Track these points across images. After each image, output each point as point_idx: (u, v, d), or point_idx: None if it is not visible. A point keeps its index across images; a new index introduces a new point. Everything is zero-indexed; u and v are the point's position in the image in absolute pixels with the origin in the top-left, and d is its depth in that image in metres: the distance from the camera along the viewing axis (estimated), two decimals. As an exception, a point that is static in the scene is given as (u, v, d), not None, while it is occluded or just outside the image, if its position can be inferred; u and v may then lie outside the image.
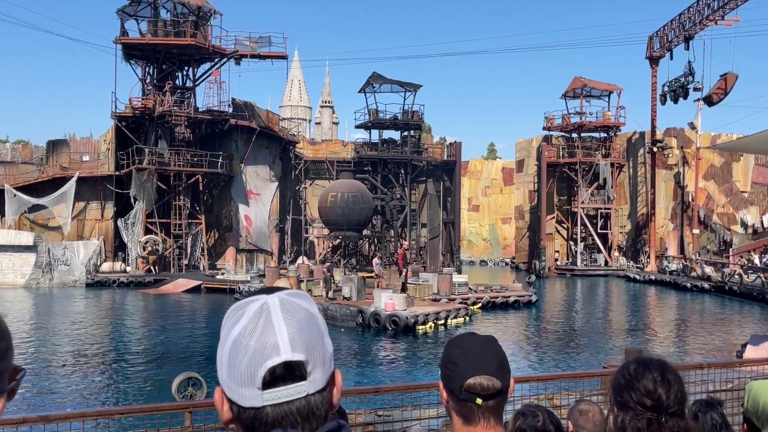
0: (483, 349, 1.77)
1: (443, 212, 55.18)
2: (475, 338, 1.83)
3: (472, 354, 1.75)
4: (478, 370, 1.72)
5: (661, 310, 36.58)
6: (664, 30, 49.03)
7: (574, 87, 56.61)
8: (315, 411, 1.08)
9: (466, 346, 1.78)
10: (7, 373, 1.00)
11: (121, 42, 44.40)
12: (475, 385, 1.71)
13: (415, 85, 53.91)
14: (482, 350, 1.77)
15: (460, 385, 1.72)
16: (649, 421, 1.88)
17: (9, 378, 1.01)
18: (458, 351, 1.78)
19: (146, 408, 7.02)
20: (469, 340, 1.81)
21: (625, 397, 1.92)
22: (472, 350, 1.77)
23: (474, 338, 1.83)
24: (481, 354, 1.76)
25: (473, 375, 1.71)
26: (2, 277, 40.34)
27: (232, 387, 1.07)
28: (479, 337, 1.84)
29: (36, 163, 46.35)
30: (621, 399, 1.93)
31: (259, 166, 49.26)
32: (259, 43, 46.65)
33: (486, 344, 1.79)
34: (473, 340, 1.81)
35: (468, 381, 1.71)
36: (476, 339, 1.82)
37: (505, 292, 35.20)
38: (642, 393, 1.89)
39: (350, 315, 27.87)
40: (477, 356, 1.75)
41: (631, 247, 55.96)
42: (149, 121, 44.90)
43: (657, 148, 51.81)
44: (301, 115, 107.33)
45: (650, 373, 1.92)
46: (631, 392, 1.91)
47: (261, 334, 1.07)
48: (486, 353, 1.76)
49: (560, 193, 57.90)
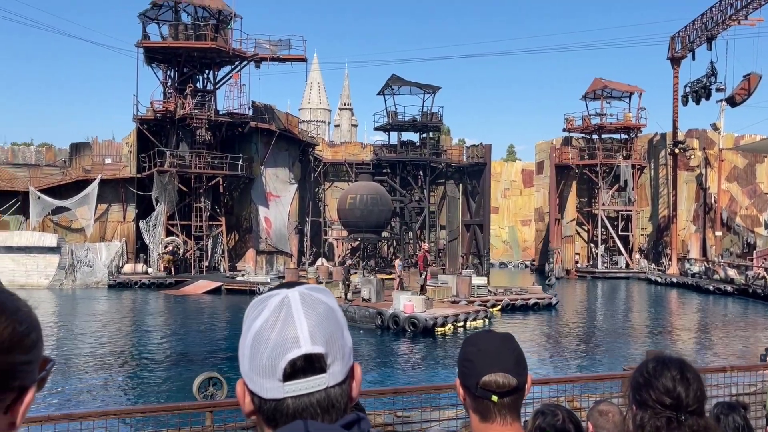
0: (499, 346, 1.78)
1: (467, 213, 55.08)
2: (492, 336, 1.83)
3: (487, 351, 1.76)
4: (493, 368, 1.73)
5: (683, 313, 36.22)
6: (686, 30, 48.59)
7: (594, 88, 56.27)
8: (335, 403, 1.10)
9: (482, 344, 1.79)
10: (37, 363, 1.03)
11: (142, 45, 44.83)
12: (490, 382, 1.71)
13: (434, 87, 53.85)
14: (498, 347, 1.77)
15: (475, 382, 1.73)
16: (668, 419, 1.88)
17: (39, 368, 1.04)
18: (474, 348, 1.78)
19: (168, 407, 7.08)
20: (486, 338, 1.82)
21: (644, 395, 1.92)
22: (487, 347, 1.77)
23: (490, 336, 1.83)
24: (497, 351, 1.76)
25: (488, 372, 1.72)
26: (27, 279, 40.85)
27: (254, 379, 1.10)
28: (496, 334, 1.85)
29: (59, 166, 46.91)
30: (640, 397, 1.93)
31: (278, 169, 49.48)
32: (279, 46, 46.89)
33: (502, 341, 1.80)
34: (490, 338, 1.82)
35: (483, 378, 1.72)
36: (493, 336, 1.83)
37: (524, 295, 35.06)
38: (661, 391, 1.89)
39: (369, 317, 27.89)
40: (493, 353, 1.76)
41: (653, 249, 55.48)
42: (170, 124, 45.29)
43: (679, 149, 51.34)
44: (321, 118, 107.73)
45: (669, 372, 1.91)
46: (650, 390, 1.90)
47: (282, 327, 1.09)
48: (502, 350, 1.77)
49: (581, 195, 57.57)
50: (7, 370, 0.96)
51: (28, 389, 1.01)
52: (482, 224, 53.19)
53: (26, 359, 1.00)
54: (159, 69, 47.21)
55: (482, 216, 53.26)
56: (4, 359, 0.96)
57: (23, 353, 0.99)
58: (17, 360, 0.98)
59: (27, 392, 1.01)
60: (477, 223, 53.93)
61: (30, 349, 1.01)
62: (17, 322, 0.99)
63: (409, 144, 55.12)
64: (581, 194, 57.58)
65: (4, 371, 0.96)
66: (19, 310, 1.02)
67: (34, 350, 1.02)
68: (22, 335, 0.99)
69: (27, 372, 1.00)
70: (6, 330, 0.97)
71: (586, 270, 54.93)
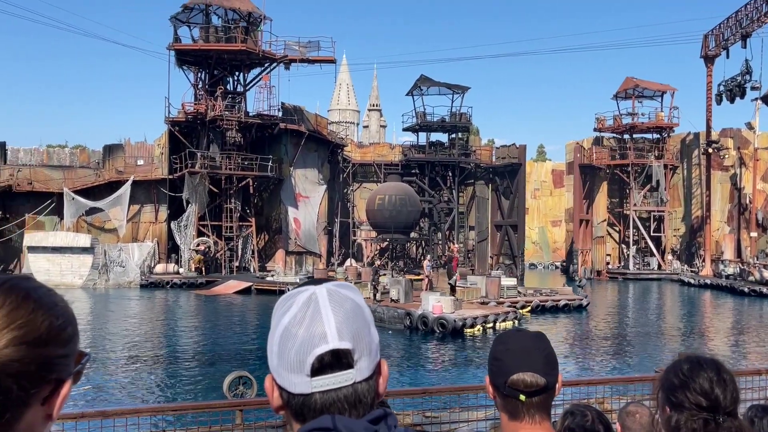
0: (529, 345, 1.78)
1: (497, 214, 54.88)
2: (523, 334, 1.84)
3: (516, 350, 1.77)
4: (522, 367, 1.73)
5: (717, 315, 35.64)
6: (719, 28, 47.83)
7: (626, 87, 55.64)
8: (362, 398, 1.12)
9: (512, 343, 1.79)
10: (73, 356, 1.06)
11: (174, 48, 45.36)
12: (518, 381, 1.72)
13: (463, 87, 53.68)
14: (528, 346, 1.77)
15: (504, 381, 1.74)
16: (705, 421, 1.85)
17: (75, 362, 1.06)
18: (503, 347, 1.79)
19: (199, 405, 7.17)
20: (516, 337, 1.82)
21: (680, 397, 1.88)
22: (517, 347, 1.78)
23: (521, 335, 1.84)
24: (527, 350, 1.76)
25: (517, 371, 1.73)
26: (61, 278, 41.56)
27: (282, 374, 1.11)
28: (527, 333, 1.85)
29: (93, 167, 47.63)
30: (675, 399, 1.90)
31: (307, 170, 49.71)
32: (308, 48, 47.11)
33: (533, 341, 1.80)
34: (520, 337, 1.82)
35: (512, 377, 1.72)
36: (523, 335, 1.83)
37: (554, 296, 34.78)
38: (698, 392, 1.86)
39: (398, 317, 27.88)
40: (522, 353, 1.76)
41: (686, 250, 54.70)
42: (201, 126, 45.77)
43: (712, 149, 50.57)
44: (349, 119, 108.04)
45: (706, 373, 1.88)
46: (687, 392, 1.87)
47: (309, 323, 1.11)
48: (531, 349, 1.77)
49: (612, 195, 56.97)
50: (44, 362, 0.99)
51: (65, 382, 1.04)
52: (516, 225, 53.03)
53: (63, 352, 1.03)
54: (190, 71, 47.74)
55: (517, 217, 53.09)
56: (42, 352, 0.99)
57: (60, 347, 1.02)
58: (54, 353, 1.01)
59: (63, 385, 1.04)
60: (510, 224, 53.68)
61: (66, 343, 1.04)
62: (54, 317, 1.02)
63: (437, 144, 55.01)
64: (612, 195, 56.97)
65: (42, 364, 0.99)
66: (56, 305, 1.04)
67: (70, 344, 1.05)
68: (59, 329, 1.02)
69: (63, 365, 1.03)
70: (44, 324, 1.00)
71: (618, 271, 54.35)
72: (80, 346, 1.09)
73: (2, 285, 1.01)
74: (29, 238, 42.65)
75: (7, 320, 0.97)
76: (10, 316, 0.97)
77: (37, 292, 1.03)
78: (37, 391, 0.99)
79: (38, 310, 1.00)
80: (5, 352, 0.95)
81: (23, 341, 0.97)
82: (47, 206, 44.81)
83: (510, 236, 53.98)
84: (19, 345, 0.96)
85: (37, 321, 0.99)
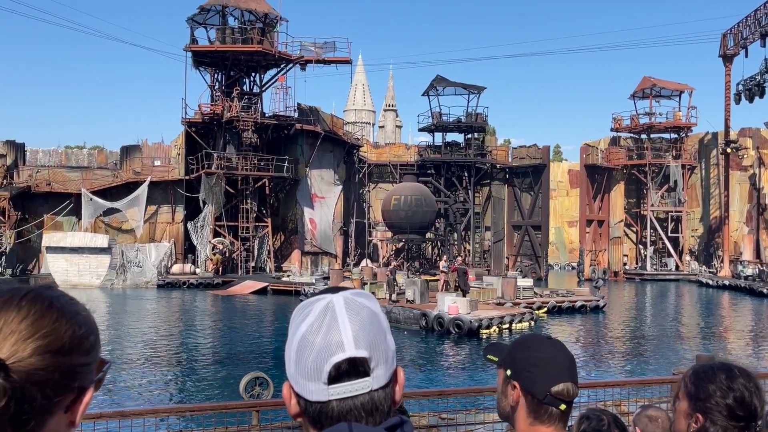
0: (565, 355, 1.81)
1: (513, 214, 54.95)
2: (555, 343, 1.85)
3: (556, 360, 1.79)
4: (564, 377, 1.77)
5: (736, 316, 35.29)
6: (738, 27, 47.37)
7: (643, 87, 55.26)
8: (378, 406, 1.12)
9: (549, 351, 1.81)
10: (95, 364, 1.07)
11: (190, 50, 45.62)
12: (563, 391, 1.75)
13: (478, 87, 53.56)
14: (565, 357, 1.81)
15: (545, 390, 1.75)
16: (741, 429, 1.83)
17: (96, 369, 1.08)
18: (541, 355, 1.80)
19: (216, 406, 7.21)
20: (548, 344, 1.84)
21: (716, 406, 1.85)
22: (555, 356, 1.80)
23: (555, 342, 1.85)
24: (565, 361, 1.80)
25: (560, 381, 1.76)
26: (79, 278, 41.93)
27: (300, 382, 1.13)
28: (555, 342, 1.87)
29: (110, 168, 48.03)
30: (709, 408, 1.86)
31: (323, 170, 49.81)
32: (324, 49, 47.21)
33: (565, 350, 1.83)
34: (553, 345, 1.84)
35: (557, 387, 1.75)
36: (557, 344, 1.85)
37: (571, 297, 34.60)
38: (737, 402, 1.84)
39: (413, 318, 27.85)
40: (561, 363, 1.79)
41: (704, 251, 54.24)
42: (218, 127, 46.00)
43: (731, 148, 50.09)
44: (365, 119, 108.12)
45: (743, 381, 1.86)
46: (722, 400, 1.85)
47: (326, 332, 1.12)
48: (567, 360, 1.81)
49: (629, 195, 56.60)
50: (67, 371, 1.01)
51: (87, 390, 1.06)
52: (539, 225, 53.32)
53: (85, 361, 1.04)
54: (207, 72, 47.99)
55: (540, 217, 53.33)
56: (65, 361, 1.00)
57: (82, 355, 1.04)
58: (77, 362, 1.02)
59: (85, 393, 1.05)
60: (532, 224, 53.75)
61: (88, 352, 1.05)
62: (77, 326, 1.04)
63: (453, 145, 54.93)
64: (629, 195, 56.60)
65: (65, 372, 1.00)
66: (78, 314, 1.06)
67: (92, 352, 1.06)
68: (82, 338, 1.04)
69: (86, 373, 1.05)
70: (66, 333, 1.02)
71: (635, 272, 54.01)
72: (101, 352, 1.11)
73: (26, 295, 1.03)
74: (48, 238, 43.06)
75: (32, 330, 0.99)
76: (34, 325, 0.99)
77: (60, 301, 1.05)
78: (61, 399, 1.00)
79: (61, 320, 1.02)
80: (30, 361, 0.96)
81: (47, 350, 0.98)
82: (65, 207, 45.23)
83: (531, 236, 54.03)
84: (44, 354, 0.98)
85: (60, 330, 1.01)
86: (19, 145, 47.31)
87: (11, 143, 46.94)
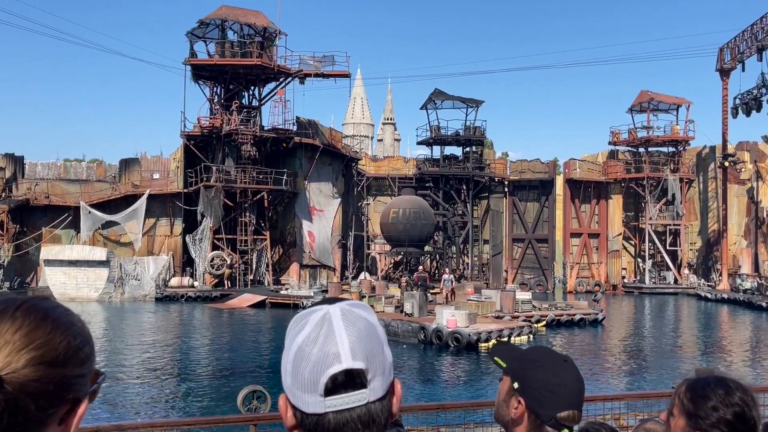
0: (578, 381, 1.81)
1: (515, 227, 55.25)
2: (569, 367, 1.82)
3: (569, 387, 1.78)
4: (572, 405, 1.77)
5: (735, 330, 35.24)
6: (735, 41, 47.61)
7: (640, 101, 55.42)
8: (375, 418, 1.12)
9: (564, 377, 1.79)
10: (90, 376, 1.07)
11: (190, 63, 45.76)
12: (568, 417, 1.76)
13: (477, 100, 53.71)
14: (577, 383, 1.80)
15: (551, 415, 1.76)
16: None
17: (91, 381, 1.07)
18: (556, 381, 1.78)
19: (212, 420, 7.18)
20: (563, 368, 1.80)
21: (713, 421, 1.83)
22: (569, 383, 1.79)
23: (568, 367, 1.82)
24: (577, 388, 1.79)
25: (568, 408, 1.76)
26: (77, 291, 41.82)
27: (296, 393, 1.12)
28: (570, 365, 1.83)
29: (109, 181, 48.02)
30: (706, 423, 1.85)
31: (322, 183, 49.85)
32: (323, 62, 47.35)
33: (578, 376, 1.82)
34: (567, 370, 1.81)
35: (563, 414, 1.76)
36: (570, 368, 1.82)
37: (570, 310, 34.55)
38: (737, 417, 1.82)
39: (412, 331, 27.79)
40: (573, 390, 1.78)
41: (702, 264, 54.23)
42: (216, 140, 46.06)
43: (729, 162, 50.20)
44: (364, 132, 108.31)
45: (740, 395, 1.84)
46: (723, 417, 1.82)
47: (323, 343, 1.11)
48: (579, 386, 1.80)
49: (627, 209, 56.64)
50: (61, 382, 1.00)
51: (81, 402, 1.05)
52: (546, 239, 53.94)
53: (80, 372, 1.03)
54: (206, 86, 48.11)
55: (547, 231, 53.93)
56: (59, 372, 1.00)
57: (77, 366, 1.03)
58: (71, 373, 1.02)
59: (80, 404, 1.04)
60: (536, 237, 54.18)
61: (83, 363, 1.05)
62: (72, 337, 1.03)
63: (452, 158, 55.01)
64: (627, 208, 56.64)
65: (59, 384, 1.00)
66: (73, 325, 1.06)
67: (87, 363, 1.06)
68: (77, 349, 1.03)
69: (80, 385, 1.04)
70: (61, 344, 1.01)
71: (633, 285, 53.96)
72: (95, 364, 1.11)
73: (21, 305, 1.02)
74: (46, 251, 42.98)
75: (26, 341, 0.98)
76: (29, 336, 0.98)
77: (55, 312, 1.04)
78: (55, 411, 1.00)
79: (56, 331, 1.01)
80: (24, 372, 0.96)
81: (42, 361, 0.98)
82: (64, 220, 45.18)
83: (536, 250, 54.37)
84: (38, 365, 0.97)
85: (55, 341, 1.00)
86: (18, 158, 47.32)
87: (10, 156, 46.95)
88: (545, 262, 54.68)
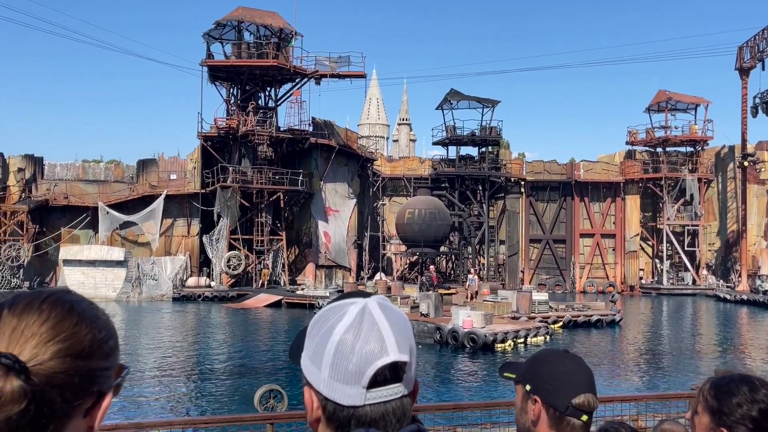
0: (584, 368, 1.84)
1: (532, 228, 55.12)
2: (573, 357, 1.88)
3: (576, 373, 1.82)
4: (584, 389, 1.79)
5: (754, 331, 34.88)
6: (755, 40, 47.17)
7: (658, 100, 55.01)
8: (406, 412, 1.12)
9: (568, 364, 1.84)
10: (114, 369, 1.07)
11: (207, 64, 46.01)
12: (584, 403, 1.78)
13: (493, 100, 53.56)
14: (584, 369, 1.84)
15: (566, 402, 1.77)
16: None
17: (115, 375, 1.08)
18: (561, 368, 1.82)
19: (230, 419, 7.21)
20: (567, 358, 1.87)
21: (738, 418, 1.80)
22: (575, 369, 1.82)
23: (571, 357, 1.88)
24: (585, 373, 1.83)
25: (581, 393, 1.78)
26: (95, 291, 42.13)
27: (334, 386, 1.10)
28: (573, 355, 1.90)
29: (127, 182, 48.40)
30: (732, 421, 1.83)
31: (338, 184, 49.92)
32: (339, 63, 47.44)
33: (584, 364, 1.86)
34: (571, 359, 1.87)
35: (578, 399, 1.77)
36: (574, 358, 1.88)
37: (587, 311, 34.35)
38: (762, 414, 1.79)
39: (428, 332, 27.74)
40: (581, 375, 1.82)
41: (721, 265, 53.73)
42: (233, 141, 46.28)
43: (748, 162, 49.73)
44: (379, 133, 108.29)
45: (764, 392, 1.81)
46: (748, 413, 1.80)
47: (367, 335, 1.10)
48: (587, 372, 1.84)
49: (645, 209, 56.23)
50: (86, 375, 1.01)
51: (106, 395, 1.05)
52: (564, 239, 53.91)
53: (105, 365, 1.04)
54: (222, 87, 48.35)
55: (566, 231, 53.88)
56: (85, 365, 1.00)
57: (102, 359, 1.04)
58: (96, 366, 1.02)
59: (104, 397, 1.05)
60: (554, 238, 54.12)
61: (108, 356, 1.05)
62: (97, 330, 1.04)
63: (467, 158, 54.90)
64: (645, 209, 56.23)
65: (84, 376, 1.00)
66: (98, 318, 1.06)
67: (111, 357, 1.06)
68: (101, 342, 1.04)
69: (105, 378, 1.05)
70: (86, 337, 1.02)
71: (651, 286, 53.57)
72: (119, 358, 1.11)
73: (47, 298, 1.03)
74: (65, 251, 43.39)
75: (53, 333, 0.99)
76: (55, 328, 0.99)
77: (81, 305, 1.05)
78: (80, 404, 1.00)
79: (82, 323, 1.02)
80: (50, 364, 0.97)
81: (68, 353, 0.98)
82: (82, 220, 45.59)
83: (553, 250, 54.27)
84: (64, 357, 0.98)
85: (80, 334, 1.01)
86: (38, 159, 47.81)
87: (30, 157, 47.44)
88: (562, 263, 54.49)
